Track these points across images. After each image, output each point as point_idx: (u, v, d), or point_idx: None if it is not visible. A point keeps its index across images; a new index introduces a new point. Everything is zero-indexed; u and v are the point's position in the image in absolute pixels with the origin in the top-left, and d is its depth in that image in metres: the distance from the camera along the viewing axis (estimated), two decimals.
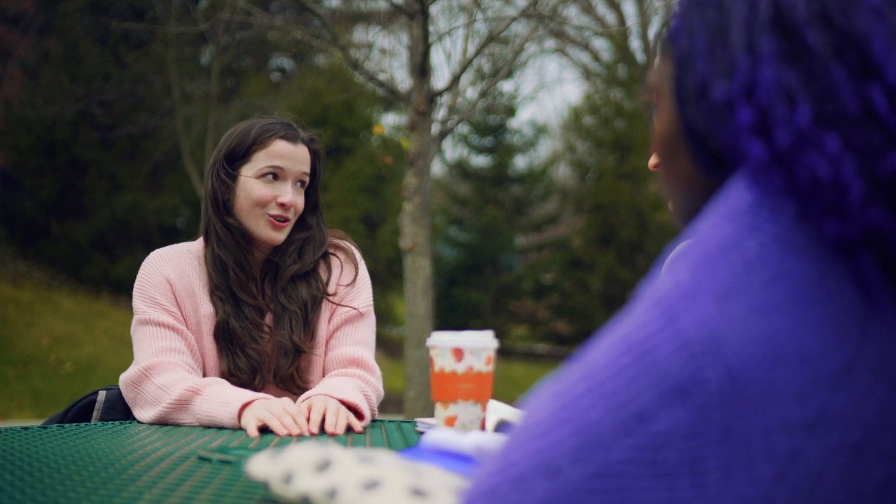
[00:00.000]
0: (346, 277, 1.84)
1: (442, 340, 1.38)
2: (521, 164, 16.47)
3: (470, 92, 7.55)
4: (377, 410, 1.75)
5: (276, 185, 1.73)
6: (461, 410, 1.37)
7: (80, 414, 1.76)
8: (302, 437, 1.42)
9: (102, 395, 1.77)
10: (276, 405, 1.49)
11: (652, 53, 14.15)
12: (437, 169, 15.98)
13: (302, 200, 1.78)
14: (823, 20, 0.58)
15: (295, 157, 1.75)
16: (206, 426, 1.55)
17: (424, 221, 5.67)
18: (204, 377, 1.70)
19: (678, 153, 0.70)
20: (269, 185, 1.73)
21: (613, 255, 14.88)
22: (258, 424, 1.45)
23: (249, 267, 1.76)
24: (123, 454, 1.19)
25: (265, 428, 1.46)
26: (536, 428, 0.57)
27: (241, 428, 1.50)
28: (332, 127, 12.67)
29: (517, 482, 0.56)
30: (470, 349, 1.36)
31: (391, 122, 15.63)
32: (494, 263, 15.71)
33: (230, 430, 1.51)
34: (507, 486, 0.56)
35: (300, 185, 1.78)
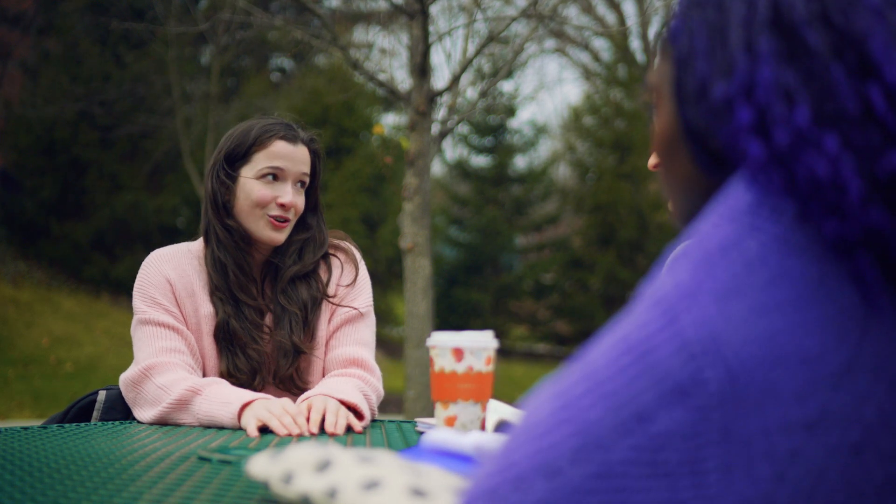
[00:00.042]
0: (346, 278, 1.84)
1: (442, 340, 1.38)
2: (521, 164, 16.48)
3: (470, 92, 7.55)
4: (377, 410, 1.75)
5: (275, 185, 1.73)
6: (461, 410, 1.37)
7: (80, 414, 1.76)
8: (302, 437, 1.42)
9: (102, 395, 1.77)
10: (275, 405, 1.49)
11: (652, 53, 14.14)
12: (437, 169, 15.99)
13: (302, 201, 1.78)
14: (823, 20, 0.58)
15: (294, 157, 1.74)
16: (206, 426, 1.55)
17: (424, 221, 5.67)
18: (204, 377, 1.70)
19: (678, 153, 0.70)
20: (268, 185, 1.72)
21: (613, 255, 14.88)
22: (258, 424, 1.45)
23: (249, 268, 1.76)
24: (123, 454, 1.19)
25: (265, 428, 1.46)
26: (536, 428, 0.57)
27: (241, 428, 1.50)
28: (332, 127, 12.67)
29: (517, 482, 0.56)
30: (470, 349, 1.36)
31: (391, 122, 15.65)
32: (494, 263, 15.71)
33: (230, 430, 1.51)
34: (506, 486, 0.56)
35: (300, 185, 1.77)
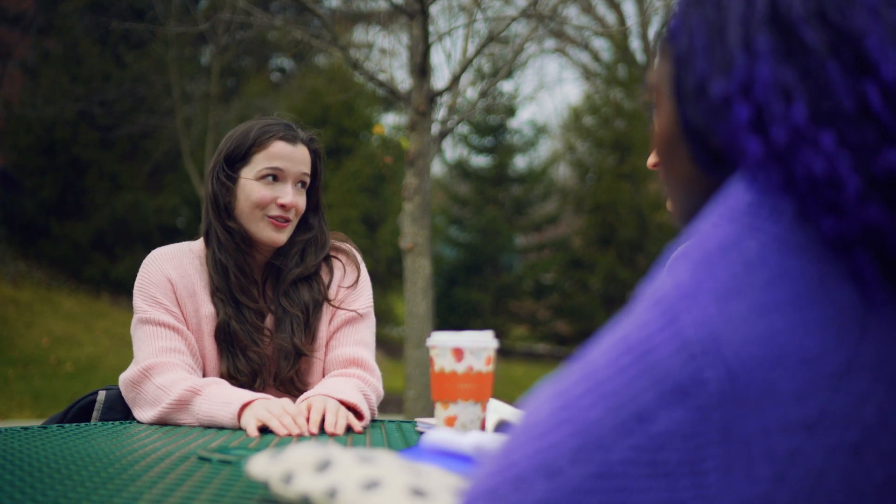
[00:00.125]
0: (347, 280, 1.84)
1: (442, 340, 1.37)
2: (521, 164, 16.48)
3: (470, 92, 7.55)
4: (377, 410, 1.74)
5: (275, 186, 1.73)
6: (461, 410, 1.37)
7: (80, 414, 1.76)
8: (302, 437, 1.42)
9: (102, 395, 1.77)
10: (275, 405, 1.49)
11: (652, 53, 14.14)
12: (437, 169, 15.99)
13: (303, 201, 1.78)
14: (819, 17, 0.58)
15: (294, 157, 1.74)
16: (205, 426, 1.55)
17: (424, 221, 5.67)
18: (204, 378, 1.70)
19: (678, 152, 0.70)
20: (268, 186, 1.72)
21: (613, 255, 14.87)
22: (258, 424, 1.45)
23: (250, 270, 1.76)
24: (123, 454, 1.19)
25: (265, 428, 1.46)
26: (536, 428, 0.57)
27: (240, 428, 1.50)
28: (332, 127, 12.66)
29: (517, 482, 0.56)
30: (470, 349, 1.36)
31: (391, 122, 15.64)
32: (494, 263, 15.71)
33: (230, 430, 1.51)
34: (506, 486, 0.56)
35: (301, 185, 1.77)
